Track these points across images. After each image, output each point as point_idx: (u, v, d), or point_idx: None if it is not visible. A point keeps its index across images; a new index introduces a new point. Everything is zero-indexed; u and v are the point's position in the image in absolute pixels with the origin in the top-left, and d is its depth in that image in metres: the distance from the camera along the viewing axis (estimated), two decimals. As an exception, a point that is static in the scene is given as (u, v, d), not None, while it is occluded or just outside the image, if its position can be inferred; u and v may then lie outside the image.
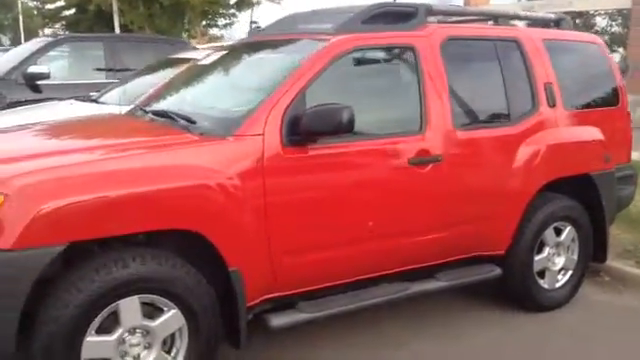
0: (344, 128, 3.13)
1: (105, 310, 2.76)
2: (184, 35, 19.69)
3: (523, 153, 3.96)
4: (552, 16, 4.80)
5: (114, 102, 5.77)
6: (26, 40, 31.77)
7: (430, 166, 3.60)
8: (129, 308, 2.82)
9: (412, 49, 3.68)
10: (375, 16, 3.74)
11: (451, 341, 3.84)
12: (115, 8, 17.94)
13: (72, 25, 23.35)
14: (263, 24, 5.58)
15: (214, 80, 4.04)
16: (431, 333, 3.93)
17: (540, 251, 4.18)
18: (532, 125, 4.04)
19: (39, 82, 7.53)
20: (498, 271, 4.00)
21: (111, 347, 2.80)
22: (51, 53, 7.92)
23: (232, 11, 20.44)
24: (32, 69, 7.47)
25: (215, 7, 19.87)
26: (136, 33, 16.91)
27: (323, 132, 3.17)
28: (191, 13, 18.85)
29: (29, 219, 2.54)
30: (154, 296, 2.88)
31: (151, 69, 6.74)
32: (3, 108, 7.20)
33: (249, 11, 20.28)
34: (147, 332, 2.90)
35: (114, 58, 8.17)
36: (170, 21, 18.72)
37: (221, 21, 20.94)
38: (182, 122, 3.34)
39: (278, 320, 3.25)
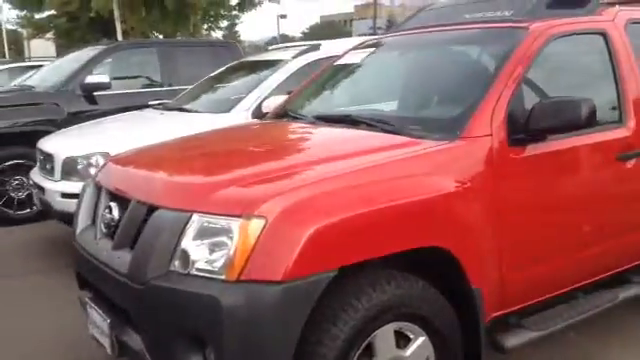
0: (582, 124, 2.84)
1: (365, 341, 2.42)
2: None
3: None
4: None
5: (209, 110, 5.45)
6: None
7: (634, 161, 3.32)
8: (385, 337, 2.49)
9: (604, 34, 3.41)
10: (555, 1, 3.46)
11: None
12: (117, 15, 17.40)
13: (64, 35, 22.78)
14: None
15: (393, 80, 3.70)
16: (620, 344, 3.64)
17: None
18: None
19: (98, 93, 7.09)
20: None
21: (369, 383, 2.47)
22: (106, 61, 7.46)
23: (234, 12, 20.03)
24: (90, 79, 7.02)
25: (216, 8, 19.49)
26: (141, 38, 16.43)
27: (555, 128, 2.88)
28: (194, 17, 18.44)
29: (300, 245, 2.19)
30: (406, 323, 2.55)
31: (229, 74, 6.37)
32: (63, 120, 6.83)
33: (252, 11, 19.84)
34: (396, 363, 2.58)
35: (169, 65, 7.75)
36: (174, 26, 18.29)
37: (222, 23, 20.52)
38: (388, 127, 3.01)
39: (512, 340, 2.93)
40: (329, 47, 5.84)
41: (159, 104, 6.34)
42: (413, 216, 2.50)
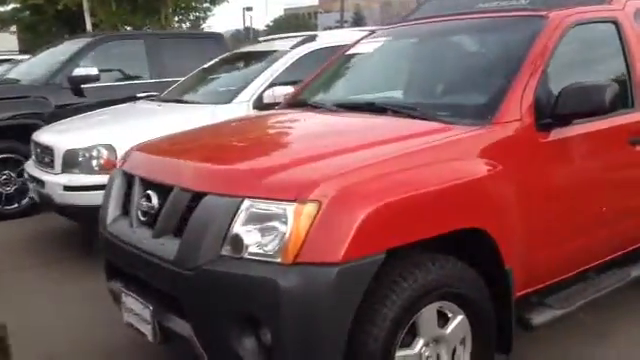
0: (607, 108, 2.93)
1: (411, 321, 2.48)
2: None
3: None
4: None
5: (209, 101, 5.43)
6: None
7: (644, 144, 3.45)
8: (429, 317, 2.56)
9: (615, 23, 3.52)
10: None
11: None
12: (86, 6, 17.10)
13: (29, 28, 22.33)
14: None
15: (413, 67, 3.75)
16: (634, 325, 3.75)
17: None
18: None
19: (85, 85, 7.00)
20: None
21: (414, 362, 2.53)
22: (92, 54, 7.35)
23: (205, 5, 19.86)
24: (78, 72, 6.93)
25: (187, 1, 19.33)
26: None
27: (580, 113, 2.97)
28: (165, 9, 18.25)
29: (354, 228, 2.24)
30: (446, 302, 2.62)
31: (224, 65, 6.35)
32: (50, 114, 6.74)
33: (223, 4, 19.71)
34: (436, 342, 2.64)
35: (156, 57, 7.66)
36: (144, 19, 18.07)
37: (193, 15, 20.34)
38: (416, 113, 3.07)
39: (539, 318, 3.03)
40: (326, 38, 5.88)
41: (149, 96, 6.29)
42: (456, 199, 2.57)
